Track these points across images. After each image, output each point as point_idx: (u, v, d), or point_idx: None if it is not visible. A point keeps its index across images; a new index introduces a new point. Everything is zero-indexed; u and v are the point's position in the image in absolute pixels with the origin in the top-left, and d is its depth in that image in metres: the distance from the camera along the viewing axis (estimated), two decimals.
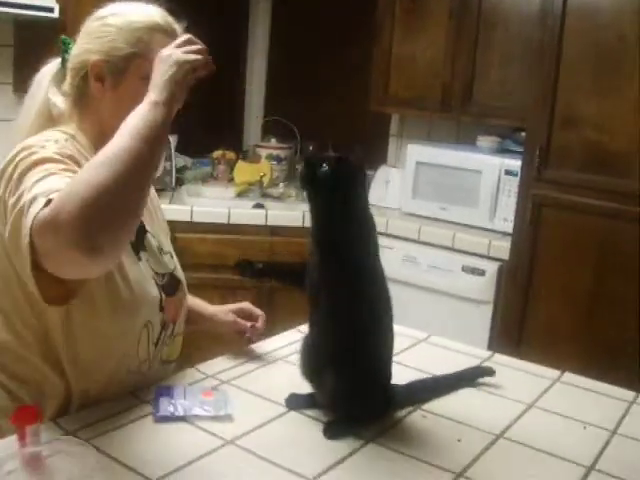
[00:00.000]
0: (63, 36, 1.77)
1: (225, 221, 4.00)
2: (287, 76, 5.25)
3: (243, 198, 4.54)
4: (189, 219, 3.93)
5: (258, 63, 5.43)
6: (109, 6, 1.72)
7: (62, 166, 1.48)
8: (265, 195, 4.59)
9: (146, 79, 1.58)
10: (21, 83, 1.64)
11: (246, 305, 2.14)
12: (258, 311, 2.12)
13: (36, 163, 1.47)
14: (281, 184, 4.74)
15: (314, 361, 1.70)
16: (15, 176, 1.46)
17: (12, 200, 1.43)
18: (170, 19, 1.71)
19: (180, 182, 4.53)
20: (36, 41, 3.69)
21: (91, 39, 1.68)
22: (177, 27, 1.71)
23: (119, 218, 1.33)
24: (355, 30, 4.80)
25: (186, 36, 1.53)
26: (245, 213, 4.14)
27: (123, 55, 1.64)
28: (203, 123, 4.63)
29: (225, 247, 3.93)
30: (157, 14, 1.69)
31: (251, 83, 5.45)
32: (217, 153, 4.86)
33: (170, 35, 1.67)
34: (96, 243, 1.28)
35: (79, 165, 1.53)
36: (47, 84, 1.75)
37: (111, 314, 1.62)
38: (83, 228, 1.26)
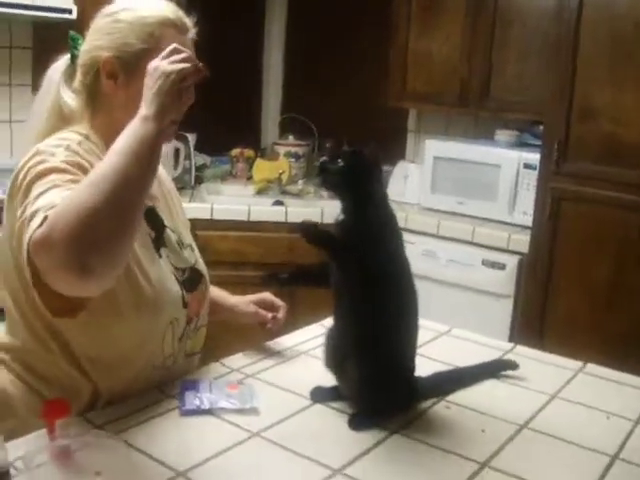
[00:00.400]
0: (71, 32, 1.76)
1: (245, 218, 4.02)
2: (304, 73, 5.26)
3: (262, 196, 4.57)
4: (209, 217, 3.95)
5: (275, 61, 5.44)
6: (119, 2, 1.70)
7: (68, 177, 1.46)
8: (284, 192, 4.61)
9: None
10: (40, 84, 1.65)
11: (267, 296, 2.13)
12: (279, 302, 2.12)
13: (43, 174, 1.46)
14: (300, 181, 4.76)
15: (339, 353, 1.72)
16: (23, 186, 1.47)
17: (18, 212, 1.43)
18: (181, 13, 1.69)
19: (199, 180, 4.55)
20: (54, 43, 3.67)
21: (101, 35, 1.66)
22: (187, 21, 1.69)
23: (110, 239, 1.32)
24: (371, 26, 4.80)
25: (172, 46, 1.51)
26: (265, 210, 4.16)
27: (134, 51, 1.62)
28: (221, 122, 4.65)
29: (245, 244, 3.95)
30: (168, 9, 1.67)
31: (268, 81, 5.47)
32: (236, 151, 4.89)
33: (181, 30, 1.66)
34: (86, 264, 1.27)
35: (86, 171, 1.52)
36: (58, 81, 1.73)
37: (135, 314, 1.63)
38: (73, 248, 1.26)
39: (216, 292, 2.08)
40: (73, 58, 1.73)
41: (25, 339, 1.67)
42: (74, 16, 3.54)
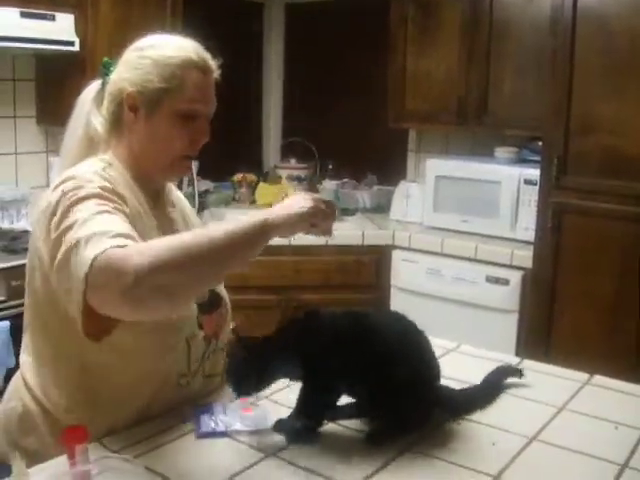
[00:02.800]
0: (105, 58, 1.81)
1: None
2: (303, 97, 5.32)
3: None
4: None
5: (274, 86, 5.51)
6: (149, 37, 1.76)
7: (111, 204, 1.53)
8: None
9: (178, 114, 1.68)
10: (44, 116, 1.67)
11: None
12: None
13: (84, 198, 1.52)
14: None
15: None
16: (63, 206, 1.51)
17: (60, 229, 1.48)
18: (205, 55, 1.74)
19: (203, 206, 4.60)
20: (57, 74, 3.78)
21: (128, 69, 1.72)
22: (211, 63, 1.75)
23: (179, 293, 1.42)
24: (368, 49, 4.86)
25: (330, 201, 1.66)
26: None
27: (156, 89, 1.68)
28: (223, 148, 4.67)
29: (250, 268, 3.96)
30: (192, 50, 1.72)
31: (268, 106, 5.53)
32: (238, 176, 4.93)
33: (204, 71, 1.72)
34: (145, 301, 1.37)
35: (120, 197, 1.59)
36: (89, 105, 1.78)
37: (147, 333, 1.64)
38: (143, 283, 1.34)
39: None
40: (104, 84, 1.78)
41: (40, 360, 1.72)
42: (77, 48, 3.60)
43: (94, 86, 1.82)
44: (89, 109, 1.78)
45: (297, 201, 1.60)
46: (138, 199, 1.70)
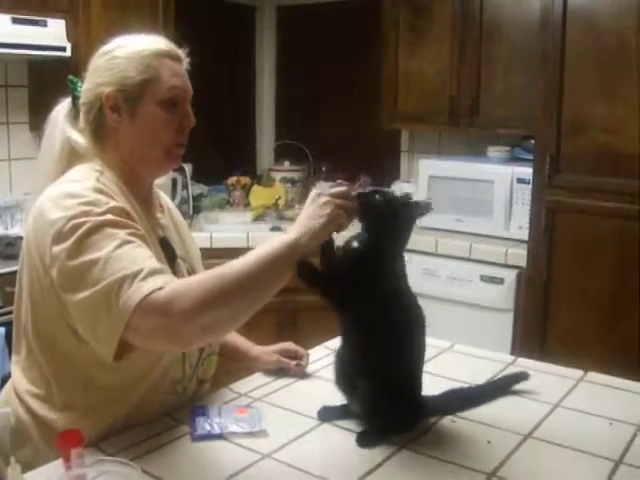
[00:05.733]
0: (70, 76, 1.81)
1: (244, 245, 4.05)
2: (296, 100, 5.33)
3: (260, 222, 4.60)
4: (209, 245, 3.99)
5: (267, 89, 5.51)
6: (112, 41, 1.77)
7: (126, 230, 1.54)
8: (281, 217, 4.65)
9: (161, 103, 1.69)
10: (37, 122, 1.68)
11: (289, 346, 2.16)
12: (302, 350, 2.15)
13: (99, 226, 1.52)
14: (297, 206, 4.80)
15: (349, 372, 1.74)
16: (74, 235, 1.51)
17: (78, 262, 1.49)
18: (173, 45, 1.78)
19: (197, 210, 4.60)
20: (49, 80, 3.78)
21: (101, 73, 1.72)
22: (180, 52, 1.78)
23: (221, 327, 1.53)
24: (360, 51, 4.87)
25: (344, 189, 1.64)
26: (263, 236, 4.16)
27: (135, 82, 1.69)
28: (216, 151, 4.71)
29: None
30: (161, 41, 1.76)
31: (261, 109, 5.54)
32: (232, 179, 4.93)
33: (176, 59, 1.75)
34: (194, 340, 1.50)
35: (127, 214, 1.60)
36: (62, 123, 1.78)
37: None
38: (190, 327, 1.43)
39: (240, 340, 2.14)
40: (75, 100, 1.78)
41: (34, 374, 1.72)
42: (68, 53, 3.60)
43: (64, 105, 1.82)
44: (63, 127, 1.77)
45: (318, 209, 1.58)
46: (132, 205, 1.70)
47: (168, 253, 1.81)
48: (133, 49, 1.72)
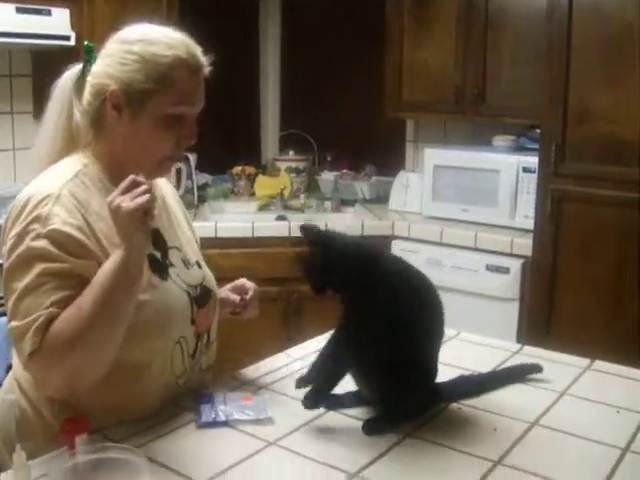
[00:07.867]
0: (86, 43, 1.74)
1: (249, 235, 4.05)
2: (301, 89, 5.30)
3: (265, 211, 4.61)
4: (214, 235, 3.98)
5: (272, 79, 5.49)
6: (135, 29, 1.68)
7: (54, 266, 1.53)
8: (286, 207, 4.65)
9: (164, 117, 1.62)
10: (41, 111, 1.67)
11: (241, 280, 2.10)
12: (249, 284, 2.07)
13: (29, 254, 1.54)
14: (301, 195, 4.80)
15: (363, 359, 1.71)
16: (10, 259, 1.56)
17: (6, 271, 1.56)
18: (195, 51, 1.67)
19: (202, 199, 4.59)
20: (53, 69, 3.74)
21: (113, 62, 1.64)
22: (201, 60, 1.67)
23: (95, 364, 1.57)
24: (365, 40, 4.85)
25: (130, 178, 1.51)
26: (268, 226, 4.19)
27: (143, 89, 1.61)
28: (221, 141, 4.70)
29: (251, 260, 3.97)
30: (182, 47, 1.64)
31: (266, 98, 5.51)
32: (237, 169, 4.92)
33: (195, 70, 1.65)
34: (78, 370, 1.55)
35: (85, 219, 1.60)
36: (70, 93, 1.72)
37: (139, 337, 1.63)
38: (70, 356, 1.51)
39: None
40: (85, 70, 1.71)
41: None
42: (72, 43, 3.59)
43: (74, 72, 1.74)
44: (70, 97, 1.71)
45: (117, 220, 1.51)
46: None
47: (161, 245, 1.78)
48: (152, 50, 1.62)
